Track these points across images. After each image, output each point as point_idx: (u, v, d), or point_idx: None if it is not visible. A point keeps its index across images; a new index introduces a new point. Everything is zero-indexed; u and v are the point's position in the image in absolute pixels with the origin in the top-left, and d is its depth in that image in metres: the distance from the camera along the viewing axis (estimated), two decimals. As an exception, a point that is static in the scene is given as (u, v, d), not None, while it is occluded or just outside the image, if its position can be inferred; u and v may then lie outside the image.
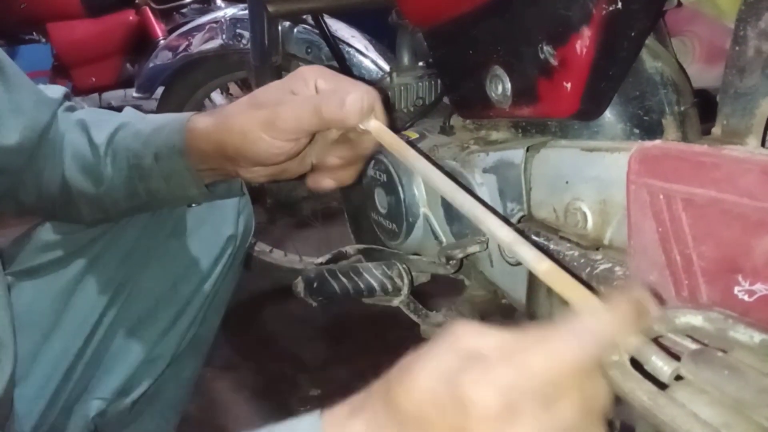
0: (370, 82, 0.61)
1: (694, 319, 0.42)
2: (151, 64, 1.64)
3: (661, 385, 0.38)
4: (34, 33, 2.72)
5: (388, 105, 1.02)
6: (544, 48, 0.56)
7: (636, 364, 0.40)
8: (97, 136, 0.63)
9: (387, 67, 1.31)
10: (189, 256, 0.74)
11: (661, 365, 0.37)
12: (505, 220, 0.56)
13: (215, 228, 0.76)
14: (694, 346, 0.41)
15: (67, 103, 0.67)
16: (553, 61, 0.56)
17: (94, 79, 2.61)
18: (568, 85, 0.55)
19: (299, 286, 0.76)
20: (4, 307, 0.61)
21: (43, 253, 0.70)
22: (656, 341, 0.41)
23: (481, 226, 0.45)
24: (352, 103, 0.50)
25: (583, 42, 0.52)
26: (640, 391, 0.38)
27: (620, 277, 0.54)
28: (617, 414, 0.59)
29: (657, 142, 0.46)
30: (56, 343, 0.70)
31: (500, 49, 0.62)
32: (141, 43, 2.46)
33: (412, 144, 0.62)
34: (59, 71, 2.66)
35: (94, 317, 0.71)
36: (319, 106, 0.51)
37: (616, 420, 0.54)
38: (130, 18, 2.51)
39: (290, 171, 0.59)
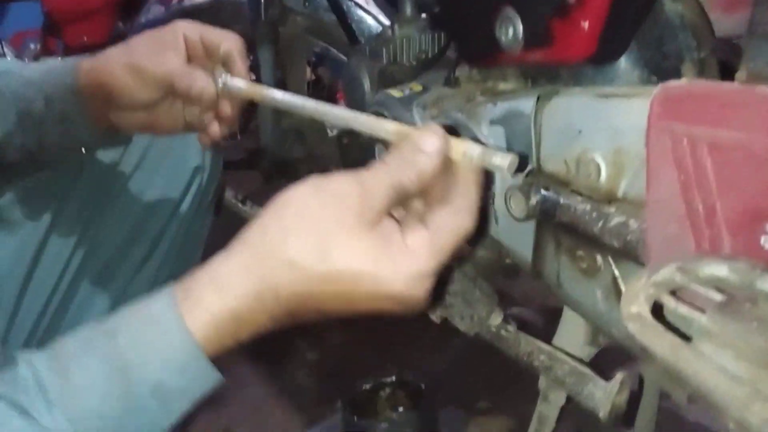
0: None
1: (718, 269, 0.39)
2: (142, 19, 1.59)
3: (685, 338, 0.36)
4: (24, -11, 2.63)
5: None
6: (561, -16, 0.52)
7: (658, 314, 0.37)
8: None
9: (387, 22, 1.26)
10: (155, 189, 0.74)
11: None
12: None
13: (180, 160, 0.76)
14: (719, 297, 0.38)
15: None
16: (570, -1, 0.52)
17: (85, 38, 2.54)
18: (586, 25, 0.52)
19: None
20: None
21: (9, 207, 0.68)
22: (678, 293, 0.39)
23: (350, 124, 0.50)
24: (200, 91, 0.57)
25: (604, -24, 0.49)
26: (662, 344, 0.35)
27: (635, 230, 0.51)
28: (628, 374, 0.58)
29: (682, 80, 0.43)
30: (29, 295, 0.69)
31: (512, -12, 0.58)
32: (133, 0, 2.38)
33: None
34: (50, 29, 2.59)
35: (62, 263, 0.70)
36: (171, 80, 0.57)
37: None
38: (122, -26, 2.43)
39: (161, 124, 0.62)
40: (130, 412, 0.37)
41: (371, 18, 1.31)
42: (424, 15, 0.99)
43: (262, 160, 1.35)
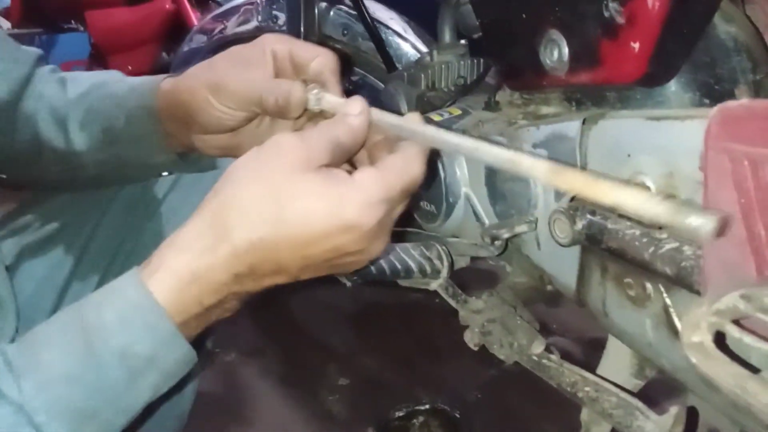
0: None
1: (785, 297, 0.37)
2: (185, 48, 1.63)
3: (751, 368, 0.34)
4: (73, 21, 2.74)
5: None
6: (610, 5, 0.51)
7: (720, 345, 0.35)
8: (72, 90, 0.62)
9: (425, 50, 1.27)
10: (188, 211, 0.73)
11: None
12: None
13: (212, 180, 0.74)
14: (788, 326, 0.36)
15: (49, 66, 0.67)
16: (620, 19, 0.51)
17: (130, 68, 2.62)
18: (636, 46, 0.51)
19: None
20: (1, 270, 0.60)
21: (40, 228, 0.69)
22: (740, 323, 0.37)
23: (517, 169, 0.40)
24: (289, 99, 0.51)
25: (656, -5, 0.48)
26: (727, 375, 0.33)
27: (689, 257, 0.49)
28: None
29: (742, 100, 0.41)
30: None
31: (558, 10, 0.58)
32: (177, 31, 2.46)
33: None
34: (96, 59, 2.68)
35: (91, 287, 0.69)
36: (259, 95, 0.51)
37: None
38: (167, 6, 2.51)
39: (246, 147, 0.55)
40: (97, 377, 0.37)
41: (409, 45, 1.32)
42: (463, 41, 0.99)
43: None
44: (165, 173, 0.68)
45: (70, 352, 0.38)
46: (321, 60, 0.53)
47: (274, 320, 1.50)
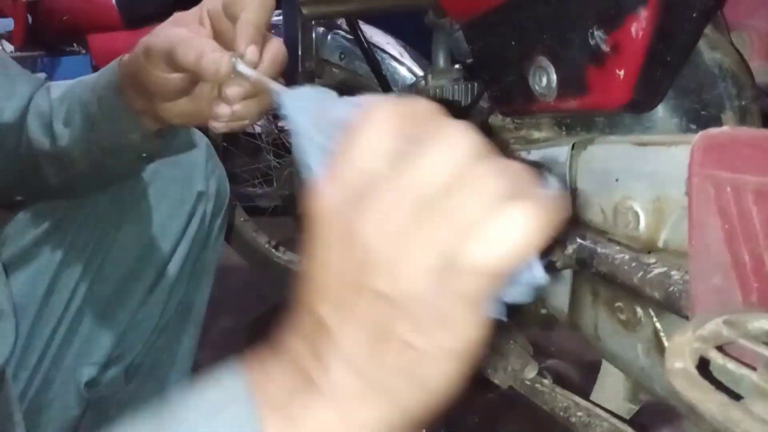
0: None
1: (769, 323, 0.37)
2: (185, 71, 1.64)
3: (735, 396, 0.34)
4: (75, 44, 2.77)
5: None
6: (595, 33, 0.52)
7: (704, 371, 0.35)
8: (55, 92, 0.64)
9: (421, 74, 1.28)
10: (161, 214, 0.74)
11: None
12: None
13: (184, 185, 0.76)
14: (771, 353, 0.36)
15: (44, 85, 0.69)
16: (605, 47, 0.52)
17: (131, 90, 2.65)
18: (621, 73, 0.51)
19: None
20: (3, 281, 0.62)
21: (22, 237, 0.71)
22: (724, 349, 0.37)
23: None
24: (209, 62, 0.46)
25: (640, 24, 0.49)
26: (710, 403, 0.33)
27: (677, 281, 0.49)
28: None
29: (724, 128, 0.42)
30: (40, 326, 0.70)
31: (545, 38, 0.59)
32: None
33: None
34: (98, 82, 2.71)
35: (69, 293, 0.70)
36: (177, 51, 0.48)
37: None
38: (168, 30, 2.55)
39: (206, 113, 0.54)
40: None
41: (405, 69, 1.34)
42: (457, 66, 1.00)
43: (297, 207, 1.36)
44: (146, 157, 0.65)
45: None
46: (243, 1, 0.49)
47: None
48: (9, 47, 2.84)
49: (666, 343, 0.52)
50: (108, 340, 0.74)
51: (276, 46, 0.50)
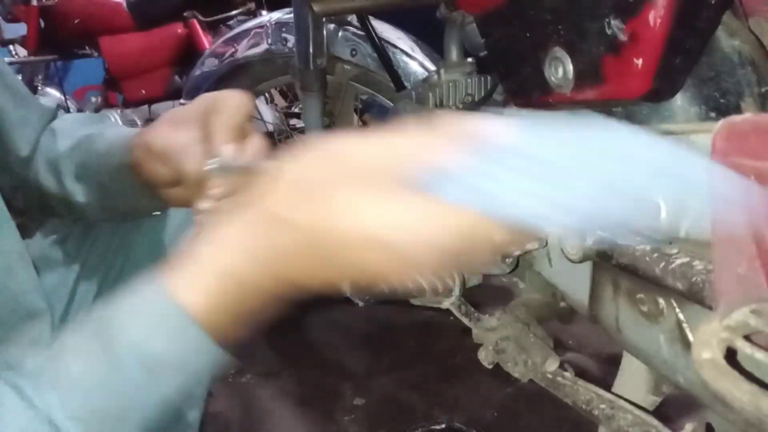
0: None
1: (797, 312, 0.37)
2: (197, 71, 1.65)
3: (763, 385, 0.34)
4: (87, 47, 2.79)
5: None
6: (612, 22, 0.52)
7: (732, 361, 0.35)
8: (62, 143, 0.65)
9: (433, 69, 1.28)
10: (172, 229, 0.74)
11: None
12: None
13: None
14: (800, 342, 0.36)
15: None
16: (622, 36, 0.51)
17: (144, 91, 2.66)
18: (639, 62, 0.51)
19: (345, 284, 0.73)
20: (35, 281, 0.63)
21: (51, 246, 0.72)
22: (752, 338, 0.37)
23: None
24: (190, 170, 0.53)
25: (657, 12, 0.48)
26: (739, 392, 0.33)
27: (700, 271, 0.49)
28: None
29: (746, 115, 0.41)
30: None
31: (561, 29, 0.58)
32: (189, 55, 2.49)
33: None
34: (111, 84, 2.72)
35: (88, 303, 0.71)
36: (167, 155, 0.55)
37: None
38: (179, 31, 2.55)
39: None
40: (116, 381, 0.36)
41: (417, 64, 1.34)
42: (470, 59, 1.00)
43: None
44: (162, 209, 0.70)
45: (90, 359, 0.37)
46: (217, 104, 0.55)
47: (289, 341, 1.50)
48: (22, 52, 2.86)
49: (690, 335, 0.52)
50: None
51: (256, 140, 0.55)
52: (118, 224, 0.73)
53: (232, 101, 0.54)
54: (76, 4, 2.69)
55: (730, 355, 0.36)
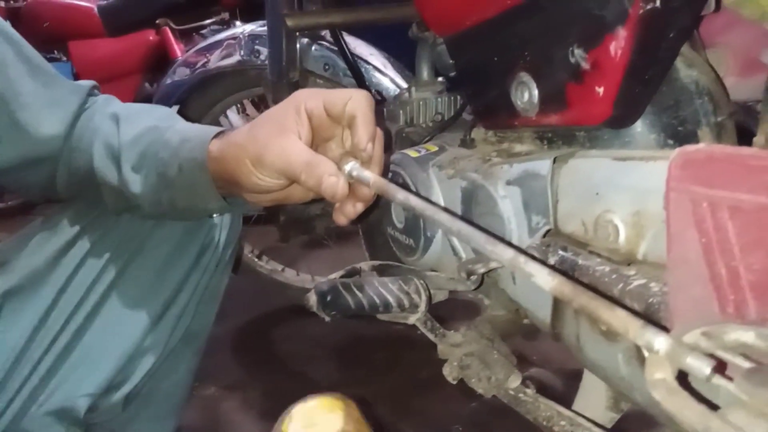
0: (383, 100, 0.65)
1: (745, 335, 0.38)
2: (168, 80, 1.64)
3: (713, 406, 0.35)
4: (56, 51, 2.75)
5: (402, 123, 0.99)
6: (575, 51, 0.53)
7: (683, 381, 0.36)
8: (125, 131, 0.64)
9: (405, 85, 1.29)
10: (175, 244, 0.74)
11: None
12: (509, 243, 0.52)
13: (184, 234, 0.76)
14: (747, 364, 0.37)
15: (103, 96, 0.71)
16: (585, 65, 0.53)
17: (112, 98, 2.63)
18: (600, 90, 0.53)
19: (312, 299, 0.73)
20: None
21: (35, 254, 0.70)
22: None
23: (481, 249, 0.45)
24: (327, 187, 0.53)
25: (618, 43, 0.50)
26: (689, 413, 0.34)
27: (656, 293, 0.50)
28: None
29: (701, 145, 0.43)
30: (57, 309, 0.69)
31: (527, 54, 0.60)
32: (160, 63, 2.47)
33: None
34: (79, 89, 2.68)
35: (86, 290, 0.70)
36: (297, 174, 0.54)
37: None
38: (150, 38, 2.53)
39: (293, 198, 0.61)
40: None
41: (389, 81, 1.35)
42: (440, 78, 1.01)
43: (280, 216, 1.36)
44: (215, 215, 0.72)
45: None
46: (352, 104, 0.55)
47: (255, 353, 1.49)
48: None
49: (646, 354, 0.53)
50: (110, 367, 0.73)
51: (380, 135, 0.57)
52: (136, 222, 0.73)
53: (366, 101, 0.55)
54: (45, 7, 2.65)
55: (683, 376, 0.38)
